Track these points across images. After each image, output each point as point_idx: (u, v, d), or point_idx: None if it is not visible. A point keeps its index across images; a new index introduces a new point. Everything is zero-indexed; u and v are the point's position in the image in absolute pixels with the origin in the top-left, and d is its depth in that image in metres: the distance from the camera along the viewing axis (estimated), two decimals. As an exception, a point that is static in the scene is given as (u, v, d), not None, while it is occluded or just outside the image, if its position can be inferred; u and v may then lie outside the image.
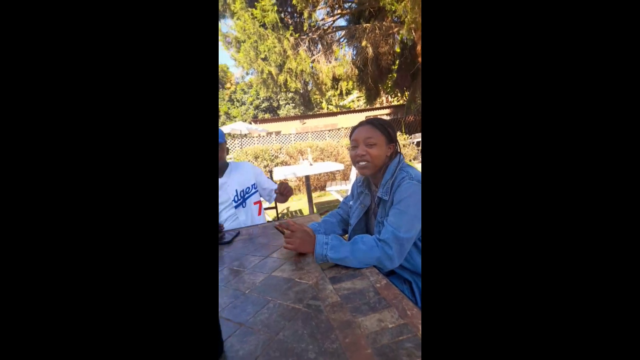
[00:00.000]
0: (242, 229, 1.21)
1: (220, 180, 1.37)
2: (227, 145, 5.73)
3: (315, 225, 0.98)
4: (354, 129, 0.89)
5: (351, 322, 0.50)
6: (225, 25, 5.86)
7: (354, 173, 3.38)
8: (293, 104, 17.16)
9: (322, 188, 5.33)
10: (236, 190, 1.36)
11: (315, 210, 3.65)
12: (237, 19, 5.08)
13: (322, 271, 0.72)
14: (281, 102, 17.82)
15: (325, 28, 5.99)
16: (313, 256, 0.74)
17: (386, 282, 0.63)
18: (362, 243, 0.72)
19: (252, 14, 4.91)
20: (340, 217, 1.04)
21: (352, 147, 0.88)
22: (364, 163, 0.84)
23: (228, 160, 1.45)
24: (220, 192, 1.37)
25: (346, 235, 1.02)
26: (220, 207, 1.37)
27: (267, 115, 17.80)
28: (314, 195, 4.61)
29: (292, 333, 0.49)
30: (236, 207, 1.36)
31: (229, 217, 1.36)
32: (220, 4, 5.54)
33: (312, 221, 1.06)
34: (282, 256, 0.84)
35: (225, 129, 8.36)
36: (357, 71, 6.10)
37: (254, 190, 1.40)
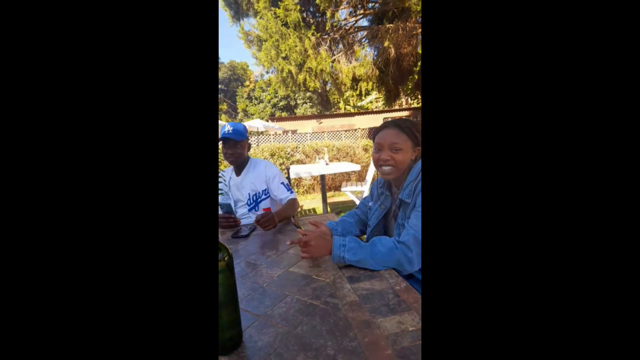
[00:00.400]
0: (259, 224, 1.23)
1: (238, 179, 1.39)
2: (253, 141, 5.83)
3: (332, 224, 0.98)
4: (378, 130, 0.87)
5: (370, 322, 0.50)
6: (248, 24, 5.95)
7: (370, 174, 3.35)
8: (310, 104, 17.22)
9: (337, 188, 5.32)
10: (249, 194, 1.37)
11: (329, 209, 3.65)
12: (260, 17, 5.16)
13: (339, 269, 0.71)
14: (299, 101, 17.93)
15: (347, 28, 5.97)
16: (330, 255, 0.74)
17: (406, 285, 0.62)
18: (381, 245, 0.71)
19: (274, 13, 4.97)
20: (358, 217, 1.04)
21: (376, 149, 0.85)
22: (388, 168, 0.82)
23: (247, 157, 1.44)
24: (237, 191, 1.39)
25: (363, 236, 1.01)
26: (238, 204, 1.40)
27: (284, 114, 17.98)
28: (328, 195, 4.61)
29: (310, 328, 0.49)
30: (249, 210, 1.37)
31: (244, 216, 1.38)
32: (244, 3, 5.64)
33: (329, 220, 1.06)
34: (298, 252, 0.85)
35: (243, 125, 8.47)
36: (377, 72, 6.04)
37: (264, 196, 1.38)
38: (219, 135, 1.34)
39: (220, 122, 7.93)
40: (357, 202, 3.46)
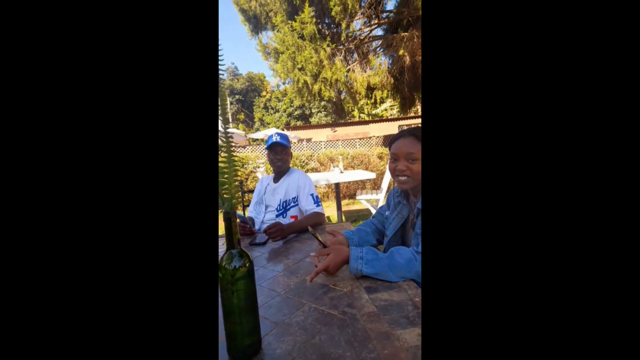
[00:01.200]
0: (276, 232, 1.24)
1: (275, 185, 1.44)
2: (264, 150, 5.93)
3: (349, 233, 0.97)
4: (394, 139, 0.86)
5: (389, 334, 0.49)
6: (266, 37, 6.16)
7: (386, 182, 3.31)
8: (325, 112, 17.40)
9: (352, 196, 5.29)
10: (280, 200, 1.40)
11: (344, 218, 3.63)
12: (277, 31, 5.34)
13: (356, 280, 0.71)
14: (313, 110, 18.16)
15: (362, 38, 6.04)
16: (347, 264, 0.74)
17: (425, 296, 0.61)
18: (399, 256, 0.70)
19: (291, 27, 5.12)
20: (374, 226, 1.03)
21: (392, 159, 0.85)
22: (404, 178, 0.81)
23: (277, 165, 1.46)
24: (271, 196, 1.43)
25: (380, 246, 1.00)
26: (268, 209, 1.43)
27: (299, 123, 18.24)
28: (342, 203, 4.59)
29: (329, 338, 0.49)
30: (277, 215, 1.40)
31: (270, 221, 1.41)
32: (262, 17, 5.86)
33: (345, 229, 1.06)
34: (315, 261, 0.85)
35: (258, 134, 8.70)
36: (392, 80, 6.04)
37: (293, 204, 1.41)
38: (266, 144, 1.43)
39: (267, 131, 8.16)
40: (372, 210, 3.43)
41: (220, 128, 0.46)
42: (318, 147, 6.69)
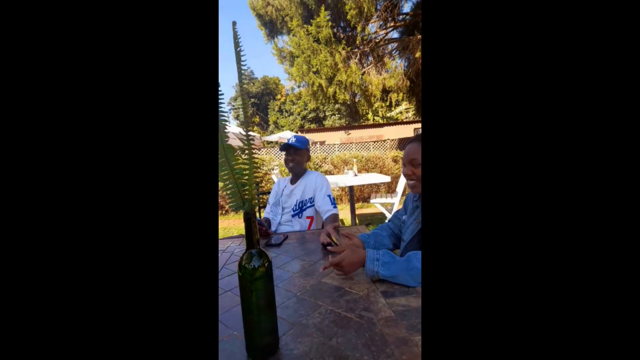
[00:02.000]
0: (291, 233, 1.25)
1: (292, 187, 1.46)
2: (278, 153, 5.99)
3: (364, 236, 0.97)
4: (406, 144, 0.89)
5: (407, 339, 0.48)
6: (281, 41, 6.26)
7: (400, 186, 3.26)
8: (339, 115, 17.40)
9: (365, 200, 5.24)
10: (296, 201, 1.42)
11: (357, 221, 3.60)
12: (293, 35, 5.41)
13: (372, 283, 0.70)
14: (327, 113, 18.21)
15: (378, 41, 6.02)
16: (363, 267, 0.73)
17: (444, 303, 0.59)
18: (417, 260, 0.68)
19: (307, 30, 5.18)
20: (390, 230, 1.02)
21: (403, 163, 0.88)
22: (412, 182, 0.85)
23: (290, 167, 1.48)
24: (288, 198, 1.45)
25: (397, 250, 0.98)
26: (285, 210, 1.45)
27: (313, 125, 18.34)
28: (356, 206, 4.55)
29: (346, 341, 0.49)
30: (293, 216, 1.41)
31: (286, 222, 1.42)
32: (278, 22, 5.97)
33: (360, 232, 1.05)
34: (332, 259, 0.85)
35: (272, 137, 8.83)
36: (408, 82, 5.97)
37: (309, 204, 1.42)
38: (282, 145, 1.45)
39: (281, 134, 8.30)
40: (387, 214, 3.38)
41: (241, 131, 0.47)
42: (332, 150, 6.69)
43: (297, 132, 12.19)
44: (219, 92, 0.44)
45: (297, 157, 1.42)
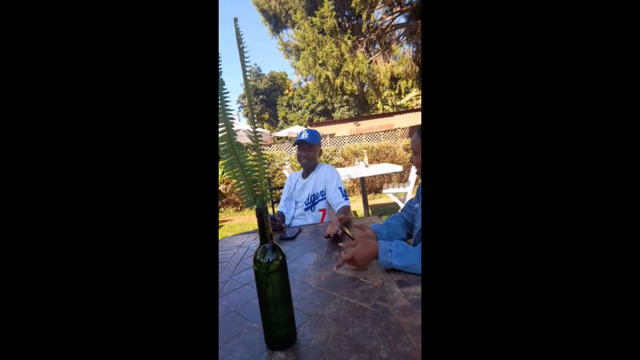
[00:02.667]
0: (304, 227, 1.27)
1: (304, 181, 1.47)
2: (289, 148, 6.02)
3: (377, 227, 0.96)
4: (413, 133, 0.91)
5: (424, 327, 0.48)
6: (287, 35, 6.20)
7: (413, 175, 3.21)
8: (347, 107, 17.21)
9: (377, 190, 5.21)
10: (308, 194, 1.43)
11: (370, 212, 3.59)
12: (298, 28, 5.35)
13: (387, 273, 0.70)
14: (335, 105, 18.04)
15: (384, 27, 5.87)
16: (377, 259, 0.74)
17: (460, 291, 0.59)
18: None
19: (311, 22, 5.11)
20: (404, 220, 1.01)
21: (413, 153, 0.88)
22: (417, 169, 0.87)
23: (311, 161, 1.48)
24: (300, 192, 1.47)
25: (411, 240, 0.98)
26: (298, 204, 1.47)
27: (321, 119, 18.24)
28: (368, 197, 4.53)
29: (362, 330, 0.50)
30: (306, 209, 1.43)
31: (299, 215, 1.44)
32: (282, 16, 5.91)
33: (373, 223, 1.05)
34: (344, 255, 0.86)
35: (282, 132, 8.85)
36: (417, 68, 5.80)
37: (321, 197, 1.43)
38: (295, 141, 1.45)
39: (291, 129, 8.34)
40: (400, 203, 3.35)
41: (249, 128, 0.48)
42: (341, 142, 6.65)
43: (306, 126, 12.18)
44: (225, 91, 0.44)
45: (310, 152, 1.42)
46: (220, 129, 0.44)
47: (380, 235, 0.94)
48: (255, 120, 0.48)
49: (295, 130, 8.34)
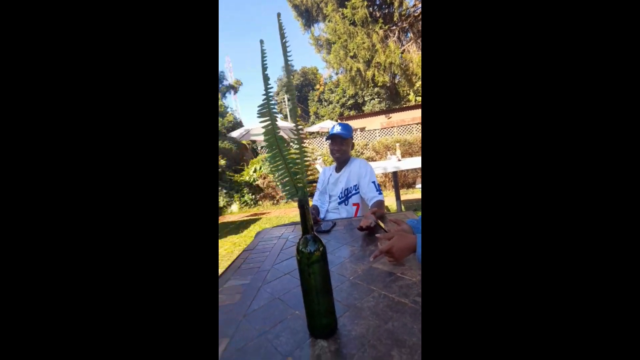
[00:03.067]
0: (338, 220, 1.28)
1: (337, 175, 1.48)
2: (321, 142, 6.05)
3: (413, 222, 0.94)
4: None
5: (469, 326, 0.46)
6: (318, 29, 6.19)
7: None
8: (379, 99, 16.75)
9: (409, 185, 5.03)
10: (342, 188, 1.44)
11: (403, 207, 3.49)
12: (329, 21, 5.31)
13: (426, 269, 0.68)
14: (366, 98, 17.67)
15: (416, 14, 5.57)
16: (414, 253, 0.72)
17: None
18: None
19: (342, 14, 5.03)
20: (442, 215, 0.97)
21: None
22: None
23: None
24: (334, 186, 1.48)
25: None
26: (332, 198, 1.48)
27: (352, 112, 18.00)
28: (400, 192, 4.40)
29: (402, 325, 0.49)
30: (339, 203, 1.44)
31: (333, 209, 1.46)
32: (313, 10, 5.90)
33: (408, 218, 1.02)
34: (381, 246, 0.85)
35: (313, 127, 8.91)
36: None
37: (355, 192, 1.42)
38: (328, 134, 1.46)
39: (322, 124, 8.45)
40: (435, 200, 3.18)
41: (292, 123, 0.49)
42: (372, 135, 6.52)
43: (337, 121, 12.11)
44: (269, 87, 0.46)
45: (343, 146, 1.42)
46: (265, 124, 0.46)
47: (416, 230, 0.91)
48: (296, 115, 0.49)
49: (327, 125, 8.34)
